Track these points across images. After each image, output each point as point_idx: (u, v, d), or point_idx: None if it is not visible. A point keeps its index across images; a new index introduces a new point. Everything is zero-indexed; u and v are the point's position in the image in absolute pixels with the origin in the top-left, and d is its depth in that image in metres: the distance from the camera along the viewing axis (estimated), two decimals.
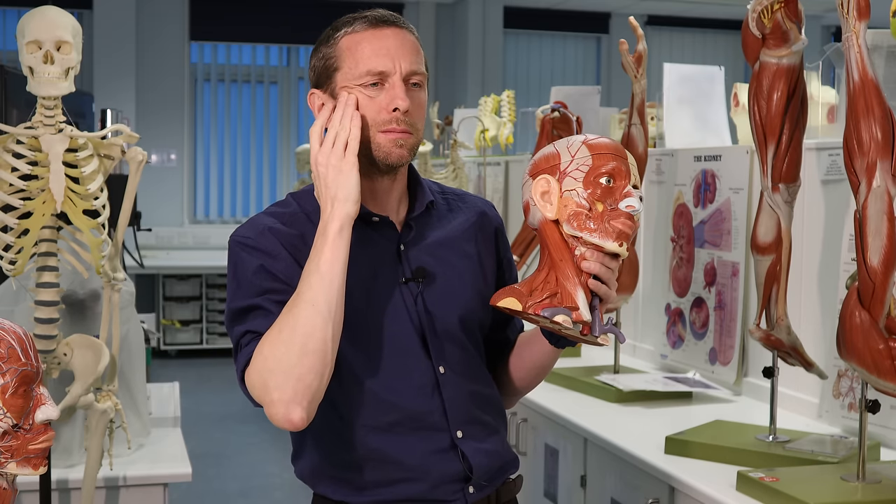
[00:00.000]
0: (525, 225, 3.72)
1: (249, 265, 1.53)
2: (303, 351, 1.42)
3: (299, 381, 1.42)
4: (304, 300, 1.44)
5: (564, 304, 1.44)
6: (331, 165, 1.48)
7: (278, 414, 1.42)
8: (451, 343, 1.62)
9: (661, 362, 3.28)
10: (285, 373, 1.42)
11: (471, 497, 1.60)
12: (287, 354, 1.42)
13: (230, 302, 1.55)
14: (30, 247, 2.15)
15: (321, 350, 1.43)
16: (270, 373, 1.42)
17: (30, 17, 2.12)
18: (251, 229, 1.57)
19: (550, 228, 1.48)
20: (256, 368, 1.45)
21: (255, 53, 9.71)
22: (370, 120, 1.55)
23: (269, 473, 5.30)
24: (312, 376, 1.43)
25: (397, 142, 1.55)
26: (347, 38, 1.56)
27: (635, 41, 2.85)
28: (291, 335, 1.42)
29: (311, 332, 1.42)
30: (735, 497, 2.03)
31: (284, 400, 1.42)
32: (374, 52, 1.54)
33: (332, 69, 1.57)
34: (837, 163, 2.51)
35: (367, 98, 1.54)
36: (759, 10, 2.09)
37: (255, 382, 1.45)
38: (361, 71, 1.54)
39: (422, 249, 1.63)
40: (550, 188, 1.48)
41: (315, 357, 1.43)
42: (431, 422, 1.58)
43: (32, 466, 1.33)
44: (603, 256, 1.46)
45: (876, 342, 1.80)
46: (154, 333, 6.65)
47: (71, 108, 2.21)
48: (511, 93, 5.12)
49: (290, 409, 1.42)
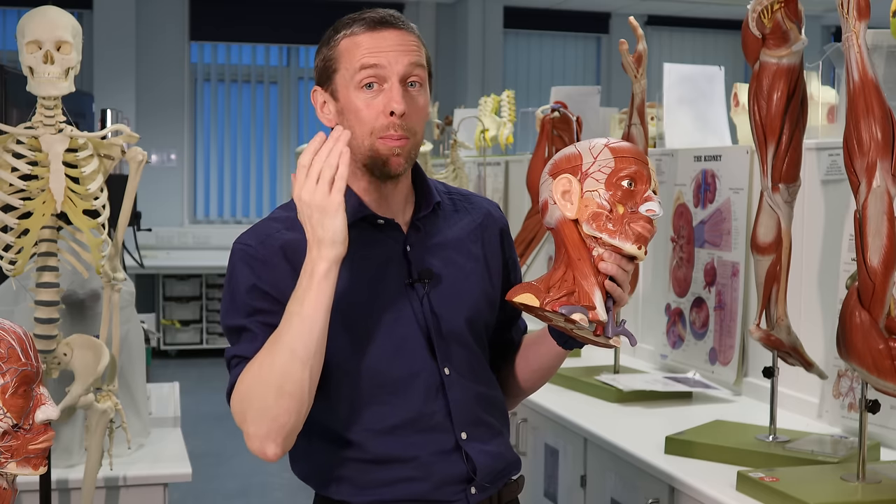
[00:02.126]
0: (526, 224, 3.72)
1: (243, 282, 1.54)
2: (279, 393, 1.44)
3: (274, 421, 1.45)
4: (283, 344, 1.44)
5: (581, 303, 1.45)
6: (314, 205, 1.42)
7: (253, 447, 1.48)
8: (457, 345, 1.62)
9: (661, 362, 3.28)
10: (261, 411, 1.45)
11: (473, 498, 1.60)
12: (264, 394, 1.45)
13: (224, 314, 1.58)
14: (30, 247, 2.15)
15: (297, 392, 1.45)
16: (249, 406, 1.46)
17: (30, 17, 2.11)
18: (254, 236, 1.58)
19: (569, 228, 1.49)
20: (238, 398, 1.48)
21: (255, 53, 9.71)
22: (368, 125, 1.54)
23: (268, 473, 5.30)
24: (287, 416, 1.45)
25: (394, 150, 1.54)
26: (347, 41, 1.56)
27: (635, 41, 2.85)
28: (269, 375, 1.44)
29: (288, 375, 1.44)
30: (735, 497, 2.03)
31: (259, 435, 1.46)
32: (371, 55, 1.54)
33: (332, 70, 1.57)
34: (837, 163, 2.50)
35: (364, 102, 1.54)
36: (759, 10, 2.09)
37: (236, 410, 1.49)
38: (357, 73, 1.54)
39: (428, 250, 1.63)
40: (572, 188, 1.49)
41: (291, 399, 1.45)
42: (435, 423, 1.59)
43: (32, 466, 1.33)
44: (620, 258, 1.47)
45: (876, 342, 1.80)
46: (154, 333, 6.65)
47: (71, 108, 2.21)
48: (511, 93, 5.12)
49: (265, 444, 1.46)
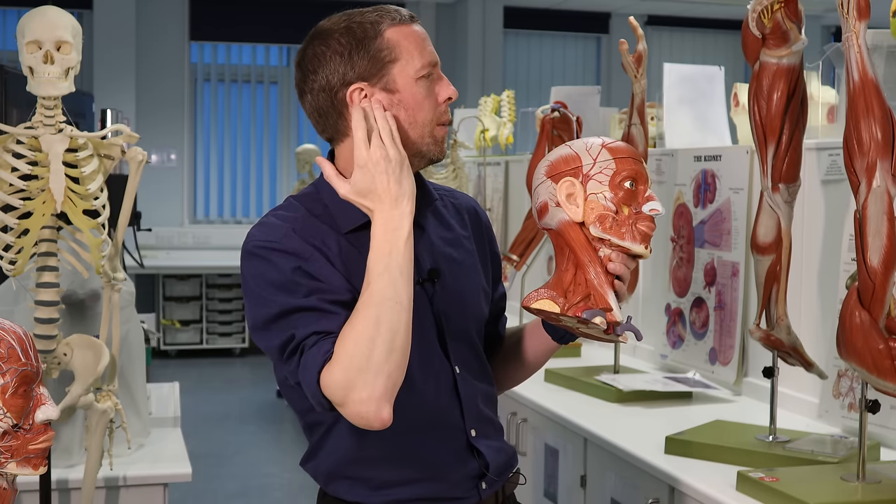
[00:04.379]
0: (526, 224, 3.72)
1: (285, 267, 1.50)
2: (391, 348, 1.41)
3: (388, 378, 1.41)
4: (387, 297, 1.42)
5: (599, 306, 1.46)
6: (393, 160, 1.47)
7: (369, 412, 1.41)
8: (464, 343, 1.65)
9: (661, 362, 3.28)
10: (376, 370, 1.40)
11: (484, 493, 1.63)
12: (376, 352, 1.41)
13: (266, 306, 1.50)
14: (30, 247, 2.15)
15: (405, 347, 1.44)
16: (359, 371, 1.40)
17: (30, 17, 2.11)
18: (273, 233, 1.53)
19: (575, 230, 1.49)
20: (340, 368, 1.41)
21: (255, 53, 9.70)
22: (431, 113, 1.56)
23: (268, 473, 5.30)
24: (399, 373, 1.43)
25: (445, 134, 1.59)
26: (393, 31, 1.55)
27: (635, 41, 2.85)
28: (377, 334, 1.41)
29: (398, 329, 1.42)
30: (735, 497, 2.03)
31: (375, 397, 1.40)
32: (425, 44, 1.56)
33: (387, 61, 1.54)
34: (837, 163, 2.50)
35: (424, 90, 1.55)
36: (759, 10, 2.09)
37: (340, 382, 1.41)
38: (423, 62, 1.55)
39: (432, 249, 1.64)
40: (576, 191, 1.49)
41: (401, 354, 1.43)
42: (451, 422, 1.61)
43: (32, 466, 1.33)
44: (626, 258, 1.49)
45: (876, 342, 1.80)
46: (154, 333, 6.65)
47: (71, 108, 2.21)
48: (511, 93, 5.12)
49: (381, 406, 1.41)
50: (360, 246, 1.52)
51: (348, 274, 1.52)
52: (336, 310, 1.47)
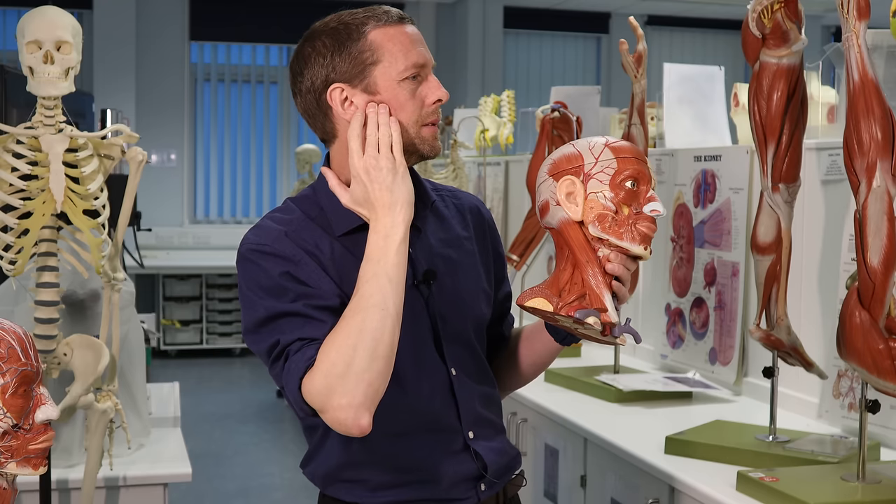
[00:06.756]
0: (526, 224, 3.72)
1: (273, 271, 1.50)
2: (373, 356, 1.40)
3: (369, 386, 1.40)
4: (372, 304, 1.42)
5: (594, 306, 1.45)
6: (385, 169, 1.47)
7: (347, 419, 1.40)
8: (462, 345, 1.64)
9: (661, 362, 3.28)
10: (356, 377, 1.39)
11: (483, 494, 1.63)
12: (356, 360, 1.39)
13: (255, 310, 1.50)
14: (30, 247, 2.15)
15: (389, 355, 1.42)
16: (340, 378, 1.39)
17: (30, 17, 2.12)
18: (265, 236, 1.53)
19: (574, 229, 1.48)
20: (322, 373, 1.40)
21: (255, 53, 9.70)
22: (414, 115, 1.54)
23: (268, 473, 5.30)
24: (380, 381, 1.42)
25: (435, 133, 1.58)
26: (377, 33, 1.54)
27: (635, 41, 2.85)
28: (359, 340, 1.40)
29: (381, 336, 1.41)
30: (735, 497, 2.03)
31: (354, 405, 1.39)
32: (412, 45, 1.54)
33: (368, 63, 1.53)
34: (837, 163, 2.50)
35: (408, 92, 1.53)
36: (759, 10, 2.09)
37: (320, 388, 1.40)
38: (406, 64, 1.53)
39: (429, 251, 1.63)
40: (576, 189, 1.48)
41: (384, 361, 1.42)
42: (446, 424, 1.60)
43: (32, 466, 1.33)
44: (625, 259, 1.47)
45: (876, 342, 1.80)
46: (154, 333, 6.65)
47: (71, 108, 2.21)
48: (511, 93, 5.12)
49: (360, 413, 1.40)
50: (356, 249, 1.52)
51: (341, 278, 1.52)
52: (322, 316, 1.46)
